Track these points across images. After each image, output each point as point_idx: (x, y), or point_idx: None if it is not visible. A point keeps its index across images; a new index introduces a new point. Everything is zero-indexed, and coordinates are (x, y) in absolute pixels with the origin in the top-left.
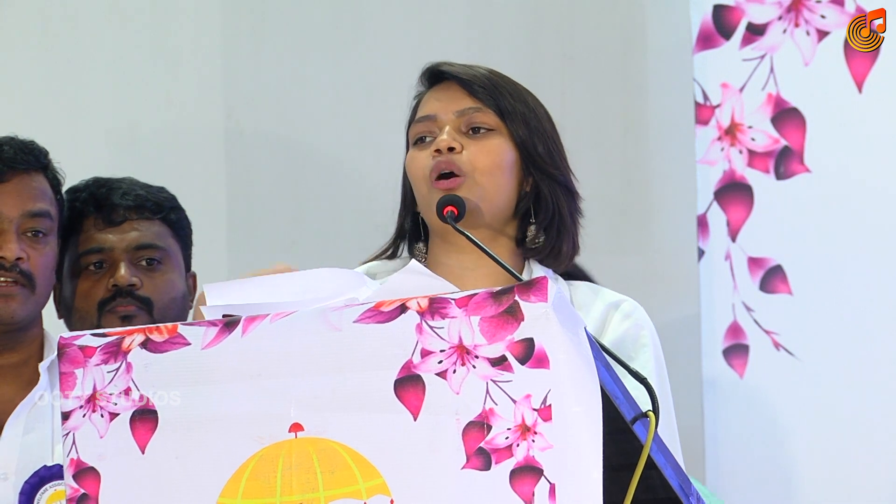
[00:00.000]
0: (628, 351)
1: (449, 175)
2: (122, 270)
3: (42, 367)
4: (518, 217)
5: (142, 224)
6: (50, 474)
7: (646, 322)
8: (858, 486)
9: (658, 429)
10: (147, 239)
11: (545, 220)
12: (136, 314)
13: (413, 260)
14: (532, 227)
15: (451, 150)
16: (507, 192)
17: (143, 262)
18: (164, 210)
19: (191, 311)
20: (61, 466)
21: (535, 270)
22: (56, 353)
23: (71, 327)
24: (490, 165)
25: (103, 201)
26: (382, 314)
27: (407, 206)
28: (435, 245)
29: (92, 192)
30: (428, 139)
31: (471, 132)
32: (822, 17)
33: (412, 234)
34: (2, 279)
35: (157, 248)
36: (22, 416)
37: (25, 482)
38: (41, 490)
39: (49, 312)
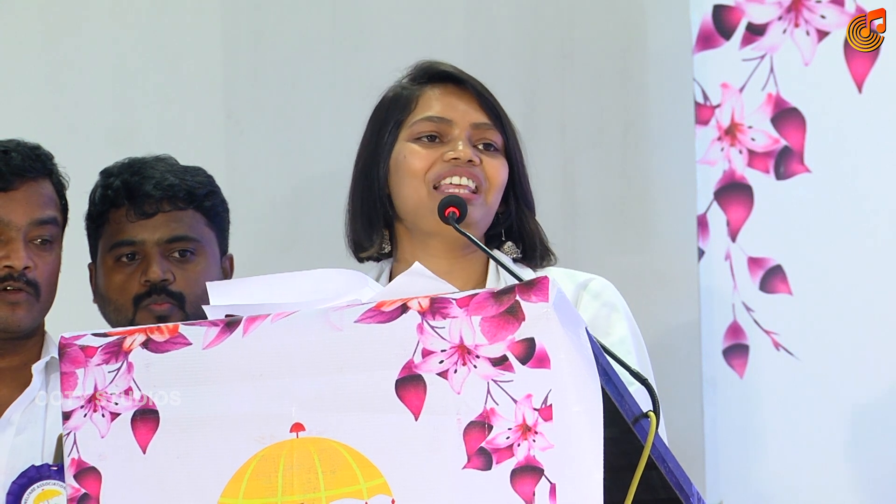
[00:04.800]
0: (602, 328)
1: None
2: (154, 266)
3: (35, 368)
4: (486, 236)
5: (175, 215)
6: (38, 475)
7: (615, 298)
8: (859, 485)
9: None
10: (180, 231)
11: (527, 242)
12: (171, 312)
13: (417, 262)
14: (507, 245)
15: (469, 162)
16: (495, 210)
17: (176, 254)
18: (198, 198)
19: None
20: (49, 466)
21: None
22: (51, 354)
23: (106, 317)
24: (500, 183)
25: (135, 191)
26: (383, 314)
27: (374, 194)
28: (407, 245)
29: (125, 179)
30: (437, 140)
31: (482, 147)
32: (822, 17)
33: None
34: (9, 287)
35: (189, 240)
36: (14, 416)
37: (13, 482)
38: (28, 490)
39: (69, 306)
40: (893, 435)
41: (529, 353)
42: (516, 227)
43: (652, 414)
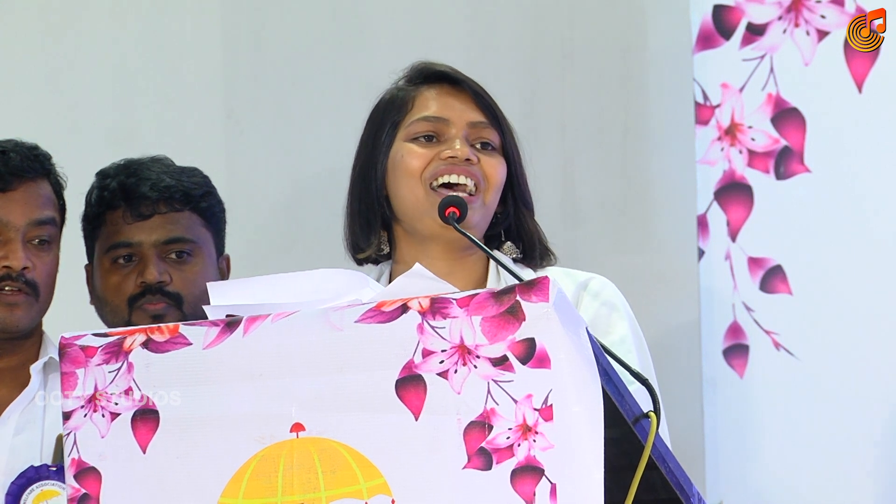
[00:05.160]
0: (603, 328)
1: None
2: (151, 268)
3: (34, 368)
4: (486, 236)
5: (171, 216)
6: (37, 475)
7: (615, 297)
8: (858, 485)
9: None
10: (176, 233)
11: (527, 243)
12: (167, 311)
13: (417, 263)
14: (507, 245)
15: (466, 160)
16: (493, 210)
17: (173, 256)
18: (194, 199)
19: None
20: (48, 466)
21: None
22: (49, 355)
23: (103, 318)
24: (499, 182)
25: (132, 193)
26: (384, 314)
27: (372, 195)
28: (406, 247)
29: (121, 181)
30: (434, 140)
31: (479, 146)
32: (822, 17)
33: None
34: (7, 288)
35: (186, 242)
36: (13, 417)
37: (12, 483)
38: (27, 491)
39: (65, 307)
40: (893, 435)
41: (530, 353)
42: (515, 227)
43: (652, 414)
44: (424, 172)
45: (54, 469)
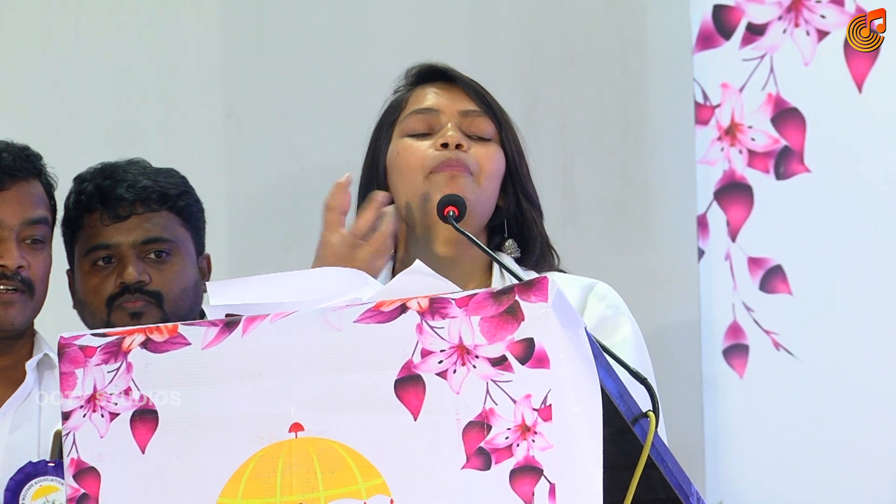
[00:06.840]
0: (609, 329)
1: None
2: (130, 268)
3: (29, 365)
4: (488, 228)
5: (148, 217)
6: (35, 471)
7: (619, 301)
8: (858, 485)
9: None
10: (154, 233)
11: (528, 238)
12: (146, 309)
13: (417, 261)
14: (508, 242)
15: (457, 146)
16: (493, 201)
17: (152, 255)
18: (171, 199)
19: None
20: (46, 462)
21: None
22: (43, 352)
23: (84, 320)
24: (493, 171)
25: (108, 195)
26: (383, 314)
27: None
28: (410, 243)
29: (98, 184)
30: (428, 132)
31: (474, 136)
32: (822, 17)
33: None
34: (2, 287)
35: (164, 241)
36: (8, 414)
37: (10, 479)
38: (26, 486)
39: (55, 306)
40: (893, 435)
41: (529, 353)
42: (515, 222)
43: (651, 414)
44: (422, 164)
45: (52, 465)
